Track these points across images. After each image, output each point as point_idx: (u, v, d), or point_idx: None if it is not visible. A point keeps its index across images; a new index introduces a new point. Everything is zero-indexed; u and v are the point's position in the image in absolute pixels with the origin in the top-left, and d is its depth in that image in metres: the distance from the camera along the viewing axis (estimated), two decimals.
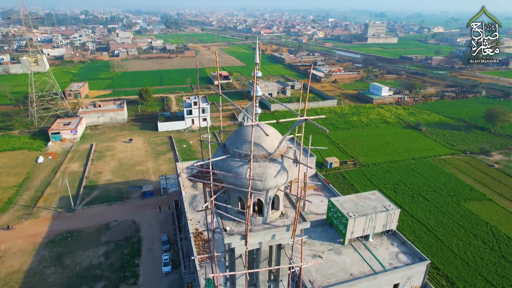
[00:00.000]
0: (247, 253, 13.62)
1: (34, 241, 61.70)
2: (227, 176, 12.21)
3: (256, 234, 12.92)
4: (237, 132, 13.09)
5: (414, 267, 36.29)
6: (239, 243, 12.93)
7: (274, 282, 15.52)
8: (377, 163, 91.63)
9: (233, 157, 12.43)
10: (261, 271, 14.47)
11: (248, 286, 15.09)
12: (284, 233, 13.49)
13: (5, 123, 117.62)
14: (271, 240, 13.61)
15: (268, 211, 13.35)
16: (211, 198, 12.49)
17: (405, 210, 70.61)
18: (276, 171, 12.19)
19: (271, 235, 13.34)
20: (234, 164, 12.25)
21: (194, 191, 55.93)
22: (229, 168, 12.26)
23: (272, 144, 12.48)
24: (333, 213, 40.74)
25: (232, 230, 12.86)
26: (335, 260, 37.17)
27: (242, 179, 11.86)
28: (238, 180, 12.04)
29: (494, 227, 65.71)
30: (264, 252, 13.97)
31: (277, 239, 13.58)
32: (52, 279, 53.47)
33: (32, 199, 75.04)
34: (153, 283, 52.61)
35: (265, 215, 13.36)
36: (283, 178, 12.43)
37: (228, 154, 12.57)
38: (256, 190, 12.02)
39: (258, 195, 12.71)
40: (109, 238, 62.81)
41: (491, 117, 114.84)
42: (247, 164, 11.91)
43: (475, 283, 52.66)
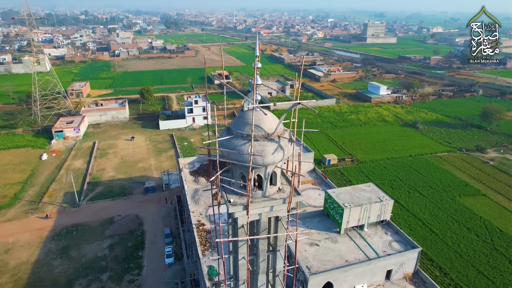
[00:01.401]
0: (248, 224, 15.46)
1: (41, 234, 63.56)
2: (231, 153, 14.06)
3: (256, 205, 14.78)
4: (239, 116, 14.95)
5: (406, 254, 38.16)
6: (241, 214, 14.77)
7: (272, 252, 17.37)
8: (374, 160, 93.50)
9: (236, 137, 14.29)
10: (261, 241, 16.29)
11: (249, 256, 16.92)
12: (281, 205, 15.35)
13: (8, 122, 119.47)
14: (270, 212, 15.46)
15: (267, 186, 15.21)
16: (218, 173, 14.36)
17: (401, 205, 72.58)
18: (274, 149, 14.06)
19: (269, 207, 15.19)
20: (237, 143, 14.11)
21: (196, 185, 57.79)
22: (233, 146, 14.11)
23: (270, 126, 14.34)
24: (329, 204, 42.64)
25: (235, 202, 14.72)
26: (331, 248, 39.07)
27: (245, 155, 13.71)
28: (241, 156, 13.89)
29: (487, 221, 67.60)
30: (264, 223, 15.82)
31: (274, 210, 15.43)
32: (59, 270, 55.33)
33: (38, 194, 76.88)
34: (156, 274, 54.46)
35: (264, 189, 15.22)
36: (280, 155, 14.30)
37: (232, 135, 14.43)
38: (257, 165, 13.88)
39: (258, 170, 14.55)
40: (113, 232, 64.65)
41: (487, 115, 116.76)
42: (248, 143, 13.76)
43: (467, 273, 54.56)
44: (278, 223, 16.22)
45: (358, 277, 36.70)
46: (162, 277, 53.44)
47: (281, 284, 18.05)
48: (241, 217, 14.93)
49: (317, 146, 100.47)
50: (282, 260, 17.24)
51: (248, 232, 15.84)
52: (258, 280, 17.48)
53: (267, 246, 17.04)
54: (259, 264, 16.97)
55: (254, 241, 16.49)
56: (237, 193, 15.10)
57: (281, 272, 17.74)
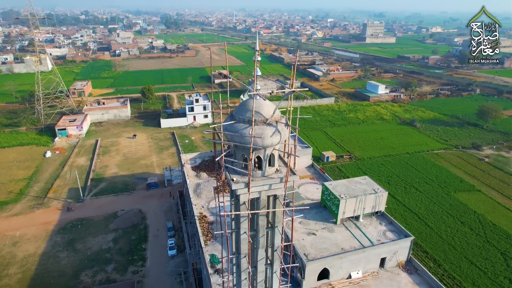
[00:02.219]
0: (249, 201, 17.24)
1: (47, 228, 65.37)
2: (234, 136, 15.85)
3: (256, 183, 16.57)
4: (241, 104, 16.75)
5: (399, 243, 39.98)
6: (243, 191, 16.55)
7: (271, 229, 19.15)
8: (372, 157, 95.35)
9: (239, 122, 16.09)
10: (260, 217, 18.07)
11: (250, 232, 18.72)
12: (278, 184, 17.13)
13: (12, 120, 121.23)
14: (268, 190, 17.24)
15: (265, 166, 16.99)
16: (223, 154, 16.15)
17: (397, 200, 74.47)
18: (272, 132, 15.84)
19: (268, 185, 16.97)
20: (239, 127, 15.90)
21: (198, 180, 59.61)
22: (236, 130, 15.90)
23: (269, 112, 16.14)
24: (326, 195, 44.47)
25: (238, 180, 16.50)
26: (328, 237, 40.89)
27: (246, 137, 15.51)
28: (243, 138, 15.69)
29: (481, 215, 69.45)
30: (263, 201, 17.60)
31: (273, 189, 17.21)
32: (65, 261, 57.13)
33: (42, 190, 78.70)
34: (159, 265, 56.27)
35: (263, 169, 17.00)
36: (277, 138, 16.08)
37: (235, 120, 16.23)
38: (257, 146, 15.67)
39: (258, 151, 16.34)
40: (117, 226, 66.46)
41: (483, 113, 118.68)
42: (249, 127, 15.56)
43: (460, 264, 56.40)
44: (276, 201, 18.03)
45: (354, 264, 38.53)
46: (165, 268, 55.26)
47: (279, 258, 19.88)
48: (243, 194, 16.73)
49: (316, 143, 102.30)
50: (280, 235, 19.05)
51: (249, 209, 17.65)
52: (258, 254, 19.28)
53: (266, 222, 18.85)
54: (259, 239, 18.77)
55: (254, 218, 18.29)
56: (239, 172, 16.91)
57: (279, 247, 19.55)
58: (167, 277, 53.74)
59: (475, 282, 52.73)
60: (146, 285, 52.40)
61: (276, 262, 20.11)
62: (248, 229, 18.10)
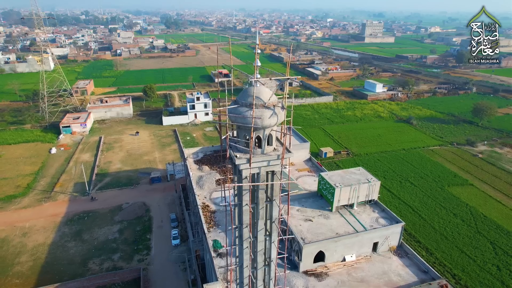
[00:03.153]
0: (250, 176, 19.75)
1: (55, 220, 67.91)
2: (238, 117, 18.40)
3: (256, 159, 19.10)
4: (244, 90, 19.29)
5: (390, 228, 42.54)
6: (245, 166, 19.08)
7: (269, 202, 21.66)
8: (369, 153, 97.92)
9: (241, 106, 18.63)
10: (260, 191, 20.60)
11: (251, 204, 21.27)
12: (275, 160, 19.65)
13: (17, 118, 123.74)
14: (267, 166, 19.75)
15: (264, 145, 19.51)
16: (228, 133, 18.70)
17: (393, 194, 77.06)
18: (270, 114, 18.36)
19: (267, 161, 19.49)
20: (242, 110, 18.45)
21: (200, 172, 62.21)
22: (239, 112, 18.44)
23: (267, 97, 18.66)
24: (322, 185, 47.05)
25: (241, 156, 19.04)
26: (323, 223, 43.46)
27: (248, 118, 18.05)
28: (245, 119, 18.23)
29: (472, 208, 72.04)
30: (262, 176, 20.12)
31: (271, 165, 19.74)
32: (74, 251, 59.68)
33: (49, 184, 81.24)
34: (164, 254, 58.82)
35: (262, 147, 19.52)
36: (274, 119, 18.62)
37: (238, 105, 18.77)
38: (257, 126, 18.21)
39: (258, 131, 18.87)
40: (122, 218, 69.02)
41: (478, 111, 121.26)
42: (250, 109, 18.11)
43: (451, 253, 58.98)
44: (274, 177, 20.58)
45: (348, 248, 41.10)
46: (169, 257, 57.83)
47: (277, 229, 22.45)
48: (245, 169, 19.27)
49: (314, 140, 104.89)
50: (278, 208, 21.61)
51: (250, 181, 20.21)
52: (258, 225, 21.81)
53: (265, 196, 21.41)
54: (259, 211, 21.29)
55: (255, 192, 20.82)
56: (242, 150, 19.47)
57: (276, 219, 22.11)
58: (171, 265, 56.30)
59: (464, 269, 55.30)
60: (151, 272, 54.93)
61: (274, 233, 22.66)
62: (249, 201, 20.66)
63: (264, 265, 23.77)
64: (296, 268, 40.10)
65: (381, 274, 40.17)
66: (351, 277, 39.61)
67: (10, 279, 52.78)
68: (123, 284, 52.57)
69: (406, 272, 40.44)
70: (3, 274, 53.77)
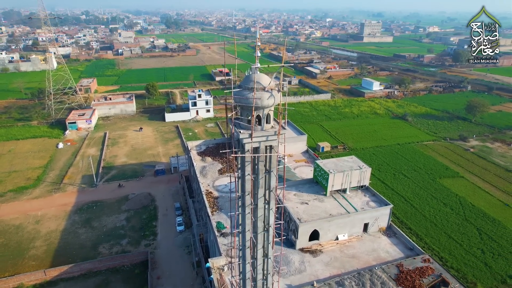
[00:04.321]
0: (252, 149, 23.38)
1: (65, 209, 71.62)
2: (241, 99, 22.08)
3: (257, 134, 22.75)
4: (246, 76, 22.95)
5: (380, 210, 46.26)
6: (247, 140, 22.72)
7: (268, 173, 25.30)
8: (364, 148, 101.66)
9: (244, 90, 22.31)
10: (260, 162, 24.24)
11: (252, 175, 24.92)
12: (273, 136, 23.28)
13: (23, 115, 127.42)
14: (266, 141, 23.36)
15: (264, 123, 23.17)
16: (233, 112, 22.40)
17: (386, 185, 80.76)
18: (268, 96, 22.02)
19: (266, 136, 23.13)
20: (245, 92, 22.13)
21: (203, 163, 65.94)
22: (242, 94, 22.12)
23: (266, 82, 22.34)
24: (318, 172, 50.77)
25: (244, 132, 22.71)
26: (318, 206, 47.17)
27: (249, 99, 21.73)
28: (247, 100, 21.90)
29: (462, 198, 75.81)
30: (262, 149, 23.77)
31: (269, 140, 23.39)
32: (84, 237, 63.38)
33: (58, 177, 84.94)
34: (169, 239, 62.52)
35: (262, 125, 23.17)
36: (272, 100, 22.28)
37: (241, 88, 22.46)
38: (257, 106, 21.89)
39: (258, 110, 22.52)
40: (128, 207, 72.71)
41: (471, 108, 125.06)
42: (252, 92, 21.80)
43: (439, 238, 62.71)
44: (272, 151, 24.26)
45: (340, 228, 44.81)
46: (175, 242, 61.55)
47: (274, 198, 26.15)
48: (247, 143, 22.93)
49: (312, 135, 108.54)
50: (275, 178, 25.29)
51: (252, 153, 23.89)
52: (258, 193, 25.46)
53: (264, 168, 25.10)
54: (259, 180, 24.92)
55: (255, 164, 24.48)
56: (245, 127, 23.15)
57: (274, 188, 25.78)
58: (177, 249, 60.01)
59: (451, 253, 59.03)
60: (158, 255, 58.63)
61: (272, 201, 26.29)
62: (251, 172, 24.35)
63: (263, 230, 27.44)
64: (293, 246, 43.81)
65: (371, 251, 43.90)
66: (343, 254, 43.34)
67: (27, 261, 56.48)
68: (132, 266, 56.26)
69: (393, 250, 44.18)
70: (20, 256, 57.47)
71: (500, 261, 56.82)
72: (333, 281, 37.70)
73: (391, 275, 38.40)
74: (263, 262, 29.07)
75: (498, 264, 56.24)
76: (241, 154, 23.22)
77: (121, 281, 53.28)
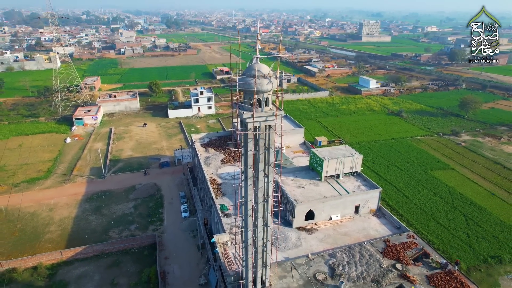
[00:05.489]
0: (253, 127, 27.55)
1: (76, 198, 75.82)
2: (245, 84, 26.29)
3: (258, 115, 26.94)
4: (249, 66, 27.16)
5: (370, 193, 50.51)
6: (249, 120, 26.90)
7: (267, 149, 29.46)
8: (360, 142, 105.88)
9: (247, 77, 26.54)
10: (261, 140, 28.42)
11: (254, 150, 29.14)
12: (271, 116, 27.47)
13: (31, 112, 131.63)
14: (265, 121, 27.55)
15: (263, 105, 27.37)
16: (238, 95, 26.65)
17: (380, 176, 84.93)
18: (267, 82, 26.22)
19: (265, 117, 27.31)
20: (247, 79, 26.37)
21: (207, 154, 70.20)
22: (245, 81, 26.32)
23: (266, 71, 26.53)
24: (313, 159, 55.00)
25: (246, 113, 26.92)
26: (313, 189, 51.39)
27: (251, 84, 25.97)
28: (249, 85, 26.10)
29: (451, 188, 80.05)
30: (262, 128, 27.98)
31: (268, 120, 27.61)
32: (95, 223, 67.58)
33: (67, 169, 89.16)
34: (175, 224, 66.72)
35: (262, 107, 27.37)
36: (270, 85, 26.48)
37: (245, 76, 26.69)
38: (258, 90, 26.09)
39: (259, 94, 26.70)
40: (136, 196, 76.93)
41: (464, 105, 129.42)
42: (253, 78, 26.03)
43: (428, 224, 66.92)
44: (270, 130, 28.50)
45: (333, 208, 49.04)
46: (180, 226, 65.77)
47: (273, 172, 30.38)
48: (249, 122, 27.17)
49: (310, 131, 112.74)
50: (273, 154, 29.51)
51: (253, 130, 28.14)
52: (258, 167, 29.66)
53: (264, 145, 29.32)
54: (260, 155, 29.14)
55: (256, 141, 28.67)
56: (247, 109, 27.38)
57: (272, 163, 29.98)
58: (182, 233, 64.23)
59: (438, 236, 63.26)
60: (165, 239, 62.84)
61: (270, 174, 30.48)
62: (252, 147, 28.58)
63: (263, 200, 31.68)
64: (290, 225, 48.03)
65: (361, 230, 48.16)
66: (336, 232, 47.60)
67: (43, 244, 60.70)
68: (141, 248, 60.47)
69: (382, 228, 48.44)
70: (37, 240, 61.70)
71: (483, 244, 61.08)
72: (326, 253, 41.94)
73: (379, 249, 42.64)
74: (263, 230, 33.34)
75: (481, 246, 60.50)
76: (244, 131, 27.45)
77: (131, 262, 57.49)
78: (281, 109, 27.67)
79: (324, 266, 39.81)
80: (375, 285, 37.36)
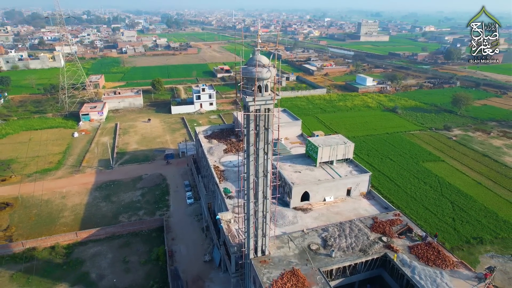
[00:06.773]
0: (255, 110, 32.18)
1: (86, 187, 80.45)
2: (247, 73, 30.94)
3: (258, 99, 31.59)
4: (251, 57, 31.81)
5: (360, 176, 55.17)
6: (252, 103, 31.53)
7: (266, 130, 34.08)
8: (356, 136, 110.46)
9: (249, 66, 31.21)
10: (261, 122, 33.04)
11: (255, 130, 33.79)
12: (270, 100, 32.12)
13: (38, 108, 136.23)
14: (265, 105, 32.18)
15: (263, 91, 32.02)
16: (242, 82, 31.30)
17: (373, 167, 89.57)
18: (266, 70, 30.88)
19: (264, 101, 31.95)
20: (250, 68, 31.02)
21: (210, 144, 74.84)
22: (248, 70, 30.98)
23: (265, 61, 31.18)
24: (309, 147, 59.65)
25: (249, 97, 31.58)
26: (309, 174, 56.02)
27: (253, 72, 30.63)
28: (251, 73, 30.72)
29: (440, 178, 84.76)
30: (262, 111, 32.61)
31: (267, 104, 32.25)
32: (106, 209, 72.21)
33: (77, 161, 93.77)
34: (180, 210, 71.36)
35: (262, 92, 32.00)
36: (269, 74, 31.13)
37: (247, 65, 31.35)
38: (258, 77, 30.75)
39: (259, 81, 31.32)
40: (143, 185, 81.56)
41: (457, 101, 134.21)
42: (254, 67, 30.69)
43: (417, 210, 71.59)
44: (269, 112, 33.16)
45: (327, 191, 53.70)
46: (185, 212, 70.43)
47: (271, 150, 35.07)
48: (251, 105, 31.82)
49: (308, 126, 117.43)
50: (271, 134, 34.19)
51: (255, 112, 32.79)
52: (259, 145, 34.31)
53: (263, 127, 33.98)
54: (260, 135, 33.79)
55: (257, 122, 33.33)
56: (249, 94, 32.04)
57: (271, 141, 34.65)
58: (188, 217, 68.91)
59: (426, 221, 67.95)
60: (172, 222, 67.49)
61: (269, 152, 35.15)
62: (254, 127, 33.26)
63: (263, 175, 36.34)
64: (287, 206, 52.67)
65: (352, 210, 52.84)
66: (329, 211, 52.28)
67: (59, 227, 65.33)
68: (149, 230, 65.14)
69: (371, 209, 53.11)
70: (52, 224, 66.33)
71: (467, 227, 65.81)
72: (319, 228, 46.63)
73: (367, 225, 47.32)
74: (263, 203, 38.02)
75: (465, 229, 65.23)
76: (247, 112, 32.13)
77: (141, 242, 62.15)
78: (278, 94, 32.34)
79: (318, 238, 44.47)
80: (362, 253, 42.04)
